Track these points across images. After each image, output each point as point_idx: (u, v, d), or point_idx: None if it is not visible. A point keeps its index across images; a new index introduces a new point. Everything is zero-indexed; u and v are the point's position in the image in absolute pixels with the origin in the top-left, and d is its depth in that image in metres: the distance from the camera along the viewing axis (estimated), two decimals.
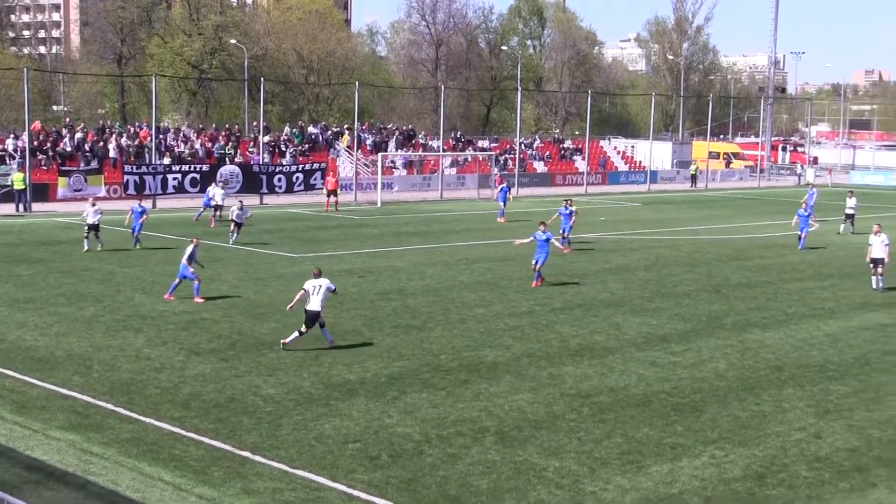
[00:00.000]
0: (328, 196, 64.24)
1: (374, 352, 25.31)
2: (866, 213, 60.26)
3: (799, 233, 47.33)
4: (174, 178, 64.02)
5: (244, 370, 23.31)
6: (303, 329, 25.03)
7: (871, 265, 35.87)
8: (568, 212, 44.65)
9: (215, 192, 53.99)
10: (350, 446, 18.13)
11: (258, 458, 17.40)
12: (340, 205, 64.55)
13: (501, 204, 59.15)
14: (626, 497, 16.08)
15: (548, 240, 35.01)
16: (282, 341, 25.34)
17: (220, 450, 17.82)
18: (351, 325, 28.30)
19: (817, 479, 17.10)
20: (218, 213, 52.89)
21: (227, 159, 72.03)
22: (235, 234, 45.34)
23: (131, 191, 61.50)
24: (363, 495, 15.87)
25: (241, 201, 47.54)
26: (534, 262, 35.37)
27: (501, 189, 60.40)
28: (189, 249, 31.48)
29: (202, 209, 54.49)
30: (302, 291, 25.24)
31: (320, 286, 25.06)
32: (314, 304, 24.94)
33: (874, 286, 35.77)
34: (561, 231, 43.88)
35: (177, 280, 31.63)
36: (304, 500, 15.61)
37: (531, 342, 26.80)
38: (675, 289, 35.71)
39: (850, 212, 55.16)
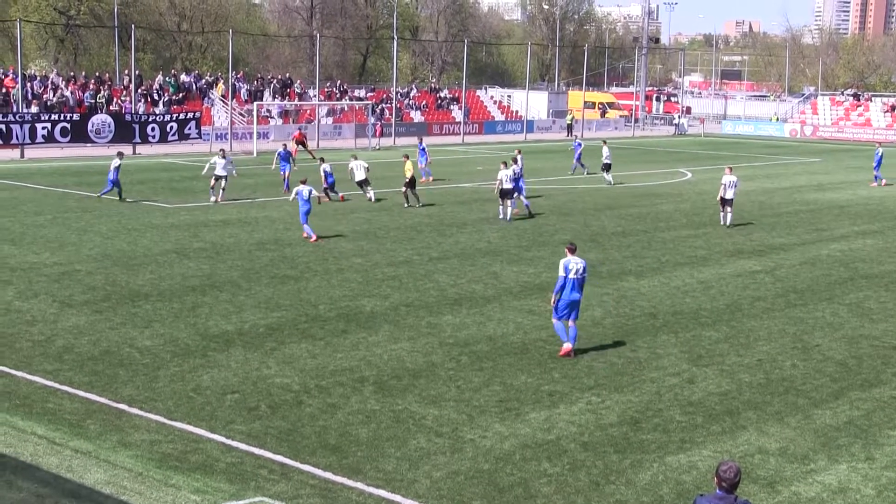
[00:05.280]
0: (297, 145, 63.65)
1: (251, 302, 25.10)
2: (739, 161, 61.30)
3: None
4: (43, 128, 62.48)
5: (119, 322, 22.95)
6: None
7: (721, 204, 39.52)
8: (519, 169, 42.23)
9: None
10: (228, 397, 17.99)
11: (135, 411, 17.16)
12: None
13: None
14: (505, 444, 16.22)
15: None
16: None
17: (96, 403, 17.53)
18: (228, 276, 28.02)
19: (690, 423, 17.45)
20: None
21: (98, 108, 70.50)
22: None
23: None
24: (242, 446, 15.76)
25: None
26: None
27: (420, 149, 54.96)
28: None
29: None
30: (207, 166, 41.98)
31: (218, 163, 41.93)
32: (220, 170, 41.79)
33: (722, 222, 39.44)
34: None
35: None
36: (183, 452, 15.45)
37: (409, 291, 26.83)
38: (551, 238, 36.03)
39: (607, 161, 55.29)
